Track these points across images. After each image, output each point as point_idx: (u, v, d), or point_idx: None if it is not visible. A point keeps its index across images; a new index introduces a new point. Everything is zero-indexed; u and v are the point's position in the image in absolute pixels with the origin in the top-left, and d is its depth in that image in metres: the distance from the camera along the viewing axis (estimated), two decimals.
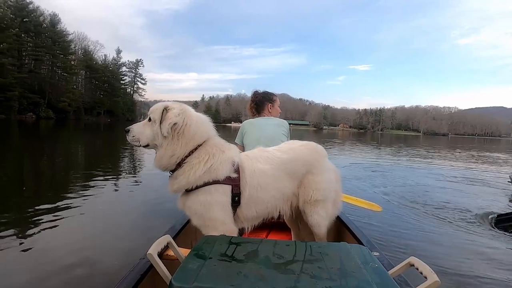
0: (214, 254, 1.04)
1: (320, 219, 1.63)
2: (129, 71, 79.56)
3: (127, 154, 10.38)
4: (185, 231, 1.82)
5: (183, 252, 1.26)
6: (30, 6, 45.73)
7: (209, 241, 1.15)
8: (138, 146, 1.42)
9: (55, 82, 49.90)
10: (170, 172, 1.43)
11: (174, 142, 1.37)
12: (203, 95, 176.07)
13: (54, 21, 50.96)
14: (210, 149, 1.42)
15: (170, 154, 1.37)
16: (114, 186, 5.35)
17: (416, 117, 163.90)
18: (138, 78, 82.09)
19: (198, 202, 1.36)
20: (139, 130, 1.41)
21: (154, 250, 1.10)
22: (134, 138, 1.41)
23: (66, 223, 3.41)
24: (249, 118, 2.70)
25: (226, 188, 1.38)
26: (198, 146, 1.41)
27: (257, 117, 2.68)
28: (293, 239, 2.00)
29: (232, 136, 2.55)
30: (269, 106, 2.69)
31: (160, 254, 1.15)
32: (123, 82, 76.13)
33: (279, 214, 1.63)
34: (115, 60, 73.64)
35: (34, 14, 46.55)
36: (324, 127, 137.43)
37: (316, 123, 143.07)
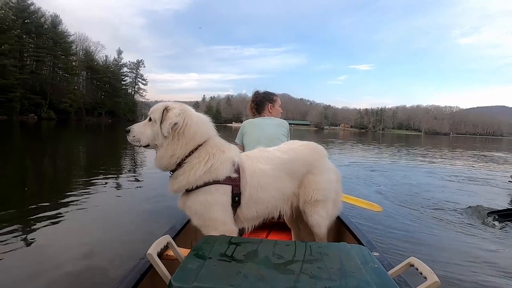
0: (213, 254, 1.04)
1: (320, 219, 1.63)
2: (130, 72, 79.86)
3: (128, 155, 10.39)
4: (185, 231, 1.82)
5: (183, 252, 1.26)
6: (32, 8, 45.90)
7: (208, 241, 1.15)
8: (139, 146, 1.41)
9: (57, 83, 50.07)
10: (171, 172, 1.43)
11: (174, 142, 1.36)
12: (204, 95, 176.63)
13: (55, 22, 51.13)
14: (210, 149, 1.41)
15: (171, 154, 1.37)
16: (114, 186, 5.37)
17: (417, 116, 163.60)
18: (139, 79, 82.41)
19: (198, 202, 1.36)
20: (140, 130, 1.40)
21: (153, 250, 1.10)
22: (135, 138, 1.40)
23: (66, 223, 3.42)
24: (249, 118, 2.70)
25: (227, 188, 1.38)
26: (199, 146, 1.40)
27: (257, 117, 2.68)
28: (293, 239, 2.00)
29: (233, 136, 2.55)
30: (269, 106, 2.69)
31: (160, 254, 1.15)
32: (124, 83, 76.31)
33: (279, 214, 1.63)
34: (116, 60, 73.80)
35: (36, 16, 46.70)
36: (325, 127, 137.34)
37: (317, 123, 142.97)
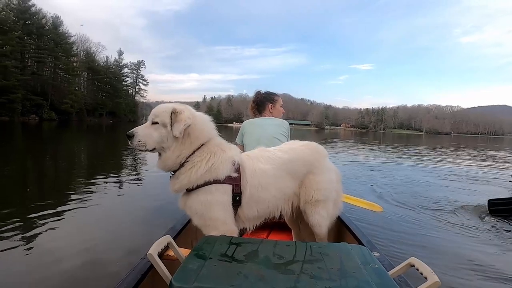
0: (214, 254, 1.04)
1: (321, 219, 1.63)
2: (131, 72, 79.96)
3: (129, 155, 10.40)
4: (185, 231, 1.82)
5: (184, 252, 1.26)
6: (33, 9, 45.97)
7: (209, 241, 1.16)
8: (144, 151, 1.36)
9: (58, 84, 50.13)
10: (172, 172, 1.44)
11: (182, 143, 1.37)
12: (205, 96, 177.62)
13: (56, 23, 51.19)
14: (212, 148, 1.43)
15: (177, 154, 1.37)
16: (115, 186, 5.37)
17: (418, 116, 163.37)
18: (140, 79, 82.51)
19: (199, 201, 1.36)
20: (145, 134, 1.34)
21: (154, 250, 1.11)
22: (140, 143, 1.33)
23: (68, 223, 3.43)
24: (250, 118, 2.70)
25: (227, 187, 1.39)
26: (201, 145, 1.42)
27: (258, 117, 2.68)
28: (293, 239, 2.00)
29: (233, 136, 2.55)
30: (270, 106, 2.69)
31: (160, 254, 1.15)
32: (125, 84, 76.40)
33: (280, 214, 1.63)
34: (117, 61, 73.89)
35: (37, 17, 46.80)
36: (326, 127, 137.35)
37: (318, 123, 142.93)
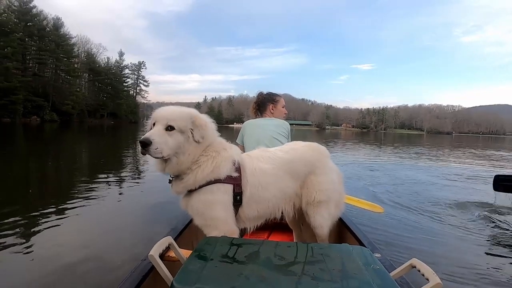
0: (215, 255, 1.04)
1: (322, 220, 1.62)
2: (131, 74, 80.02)
3: (130, 156, 10.43)
4: (186, 232, 1.82)
5: (184, 253, 1.26)
6: (34, 10, 46.08)
7: (210, 242, 1.16)
8: (161, 158, 1.29)
9: (59, 85, 50.23)
10: (171, 176, 1.43)
11: (195, 147, 1.38)
12: (206, 96, 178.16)
13: (57, 24, 51.35)
14: (215, 147, 1.44)
15: (192, 158, 1.37)
16: (116, 187, 5.38)
17: (419, 116, 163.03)
18: (140, 80, 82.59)
19: (200, 201, 1.37)
20: (162, 141, 1.26)
21: (155, 252, 1.11)
22: (158, 150, 1.25)
23: (69, 224, 3.43)
24: (250, 119, 2.71)
25: (228, 187, 1.39)
26: (207, 146, 1.43)
27: (259, 117, 2.69)
28: (294, 240, 1.99)
29: (234, 136, 2.56)
30: (271, 107, 2.69)
31: (161, 255, 1.15)
32: (126, 85, 76.44)
33: (281, 214, 1.63)
34: (118, 62, 73.96)
35: (38, 18, 46.93)
36: (327, 127, 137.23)
37: (318, 123, 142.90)
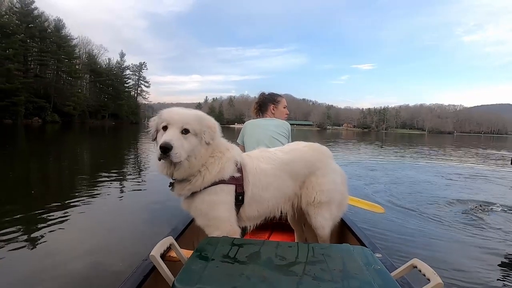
0: (216, 255, 1.04)
1: (323, 221, 1.62)
2: (132, 74, 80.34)
3: (131, 157, 10.47)
4: (187, 232, 1.82)
5: (186, 253, 1.26)
6: (35, 12, 46.29)
7: (211, 242, 1.16)
8: (179, 162, 1.28)
9: (60, 86, 50.41)
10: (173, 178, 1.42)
11: (206, 149, 1.38)
12: (206, 97, 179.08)
13: (58, 26, 51.55)
14: (220, 148, 1.44)
15: (202, 161, 1.36)
16: (118, 188, 5.39)
17: (420, 115, 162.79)
18: (141, 81, 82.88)
19: (205, 202, 1.36)
20: (180, 144, 1.25)
21: (156, 252, 1.10)
22: (177, 155, 1.23)
23: (71, 225, 3.44)
24: (251, 119, 2.71)
25: (231, 187, 1.40)
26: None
27: (260, 118, 2.69)
28: (296, 240, 1.99)
29: (235, 137, 2.56)
30: (272, 107, 2.69)
31: (162, 256, 1.15)
32: (127, 85, 76.67)
33: (281, 214, 1.63)
34: (119, 63, 74.24)
35: (39, 20, 47.09)
36: (328, 127, 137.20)
37: (319, 123, 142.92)
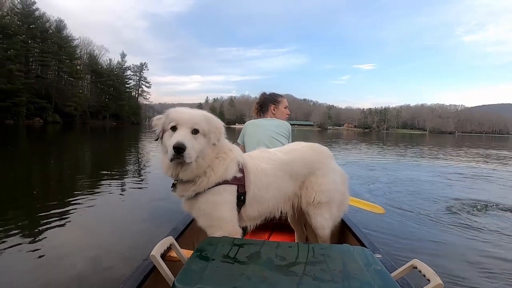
0: (216, 255, 1.04)
1: (323, 221, 1.62)
2: (133, 75, 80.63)
3: (132, 157, 10.48)
4: (187, 232, 1.82)
5: (186, 253, 1.26)
6: (36, 13, 46.48)
7: (211, 242, 1.16)
8: (187, 163, 1.27)
9: (62, 87, 50.60)
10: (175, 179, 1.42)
11: (212, 150, 1.38)
12: (207, 97, 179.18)
13: (59, 27, 51.76)
14: (224, 149, 1.44)
15: (208, 162, 1.36)
16: (119, 188, 5.40)
17: (421, 115, 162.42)
18: (142, 82, 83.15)
19: (209, 202, 1.36)
20: (191, 145, 1.25)
21: (157, 252, 1.11)
22: (190, 155, 1.23)
23: (72, 225, 3.45)
24: (252, 119, 2.71)
25: (233, 187, 1.40)
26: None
27: (261, 118, 2.69)
28: (296, 241, 1.99)
29: (236, 137, 2.56)
30: (272, 107, 2.69)
31: (162, 255, 1.15)
32: (128, 86, 76.94)
33: (281, 214, 1.63)
34: (120, 64, 74.46)
35: (40, 21, 47.28)
36: (328, 127, 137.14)
37: (320, 123, 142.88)
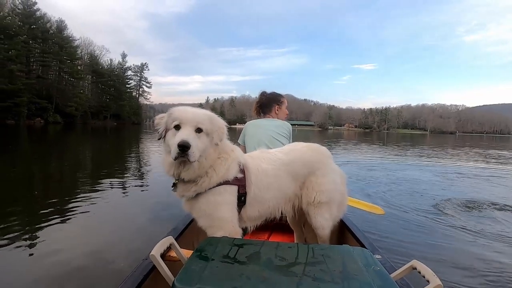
0: (216, 255, 1.04)
1: (323, 221, 1.62)
2: (134, 75, 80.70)
3: (132, 157, 10.49)
4: (187, 232, 1.82)
5: (186, 253, 1.26)
6: (37, 13, 46.57)
7: (211, 242, 1.16)
8: (189, 163, 1.27)
9: (62, 87, 50.67)
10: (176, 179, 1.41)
11: (215, 150, 1.38)
12: (208, 97, 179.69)
13: (60, 27, 51.86)
14: (225, 148, 1.44)
15: (210, 162, 1.37)
16: (119, 188, 5.41)
17: (422, 115, 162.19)
18: (143, 82, 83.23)
19: (210, 202, 1.36)
20: (196, 143, 1.24)
21: (156, 251, 1.11)
22: (194, 154, 1.23)
23: (72, 225, 3.46)
24: (253, 119, 2.70)
25: (234, 188, 1.40)
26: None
27: (261, 118, 2.68)
28: (295, 241, 1.99)
29: (236, 137, 2.56)
30: (276, 107, 2.66)
31: (162, 255, 1.15)
32: (129, 86, 77.03)
33: (281, 215, 1.63)
34: (121, 64, 74.60)
35: (41, 21, 47.37)
36: (329, 127, 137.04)
37: (321, 123, 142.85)
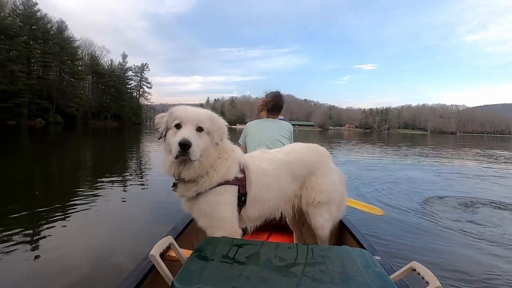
0: (216, 255, 1.04)
1: (323, 221, 1.62)
2: (135, 75, 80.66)
3: (132, 158, 10.50)
4: (186, 232, 1.82)
5: (185, 253, 1.26)
6: (38, 14, 46.59)
7: (211, 242, 1.16)
8: (189, 162, 1.27)
9: (63, 88, 50.68)
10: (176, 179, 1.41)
11: (215, 149, 1.38)
12: (208, 98, 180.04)
13: (61, 27, 51.87)
14: (226, 148, 1.44)
15: (211, 161, 1.36)
16: (119, 188, 5.42)
17: (423, 115, 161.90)
18: (143, 82, 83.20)
19: (210, 202, 1.36)
20: (196, 142, 1.24)
21: (156, 251, 1.11)
22: (195, 152, 1.24)
23: (73, 225, 3.47)
24: (253, 119, 2.70)
25: (234, 188, 1.41)
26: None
27: (263, 117, 2.67)
28: (295, 242, 1.99)
29: (237, 137, 2.56)
30: (282, 111, 2.70)
31: (162, 255, 1.15)
32: (129, 87, 76.96)
33: (281, 215, 1.63)
34: (121, 64, 74.53)
35: (42, 22, 47.38)
36: (329, 128, 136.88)
37: (321, 124, 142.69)
